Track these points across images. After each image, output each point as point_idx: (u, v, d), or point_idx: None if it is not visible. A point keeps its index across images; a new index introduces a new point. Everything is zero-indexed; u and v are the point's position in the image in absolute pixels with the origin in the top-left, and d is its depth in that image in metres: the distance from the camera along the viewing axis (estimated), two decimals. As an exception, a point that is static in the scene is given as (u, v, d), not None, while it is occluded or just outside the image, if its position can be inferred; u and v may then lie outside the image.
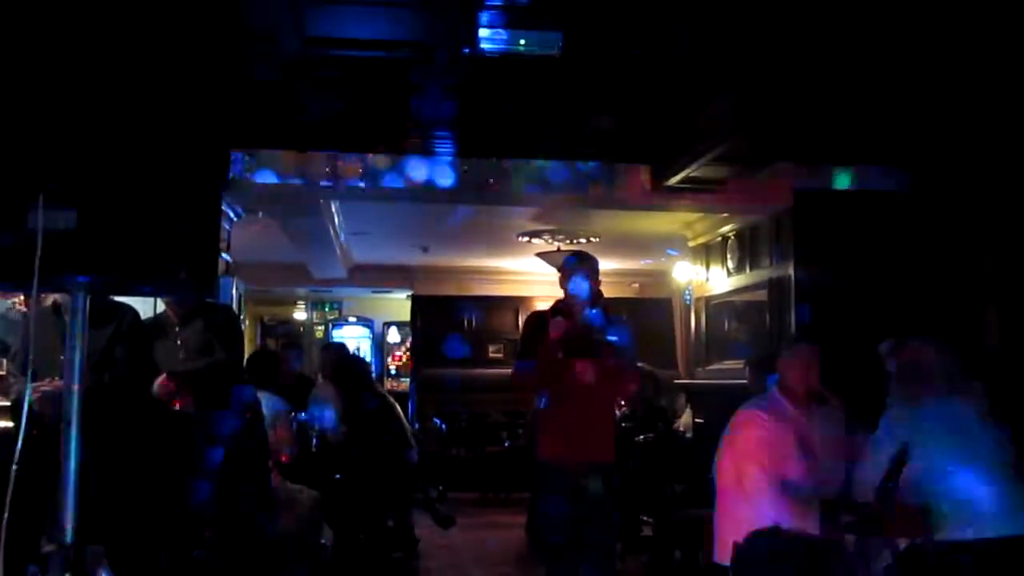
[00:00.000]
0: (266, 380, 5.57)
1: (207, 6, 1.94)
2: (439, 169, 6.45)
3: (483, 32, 4.27)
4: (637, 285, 12.49)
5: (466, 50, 4.42)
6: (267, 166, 6.28)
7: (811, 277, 6.65)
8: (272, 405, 5.40)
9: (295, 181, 6.41)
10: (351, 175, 6.40)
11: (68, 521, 1.80)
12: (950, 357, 3.53)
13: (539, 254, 10.01)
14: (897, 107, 5.23)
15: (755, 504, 3.65)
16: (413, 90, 5.16)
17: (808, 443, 3.76)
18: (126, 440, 3.87)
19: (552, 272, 7.18)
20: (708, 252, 8.41)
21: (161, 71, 1.85)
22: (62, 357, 1.84)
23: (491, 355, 12.29)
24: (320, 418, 6.30)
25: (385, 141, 6.25)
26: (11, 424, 3.82)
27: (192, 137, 1.85)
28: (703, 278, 8.52)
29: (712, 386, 7.78)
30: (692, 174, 6.13)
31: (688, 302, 9.51)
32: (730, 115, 5.36)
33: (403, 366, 14.16)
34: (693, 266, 8.84)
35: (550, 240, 9.63)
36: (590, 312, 4.21)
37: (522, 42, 4.36)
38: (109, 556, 1.82)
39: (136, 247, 1.78)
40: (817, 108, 5.22)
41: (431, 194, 6.67)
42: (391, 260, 12.09)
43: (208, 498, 4.35)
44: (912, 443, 3.29)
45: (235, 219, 7.12)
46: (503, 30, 4.28)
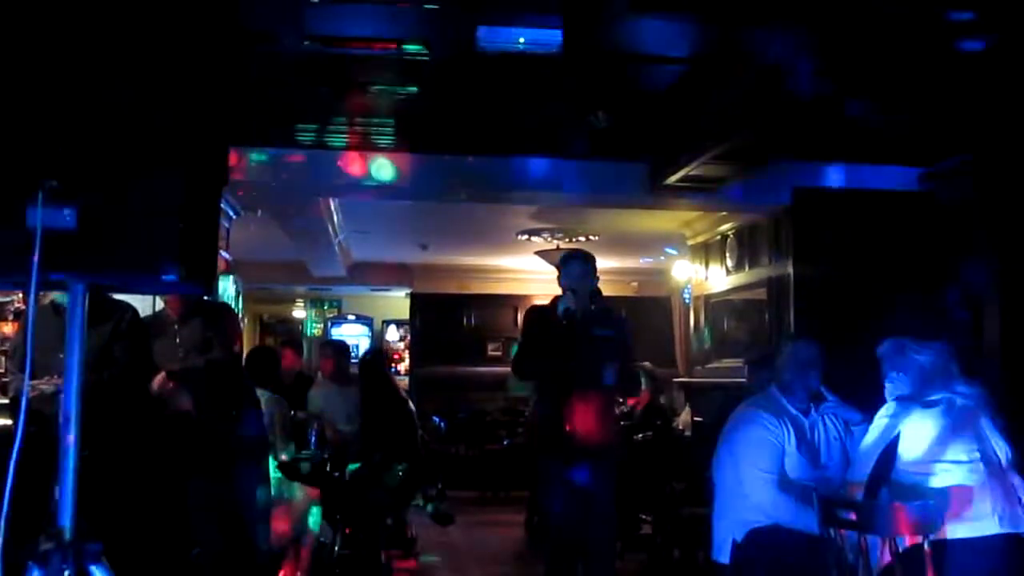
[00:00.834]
0: (265, 378, 5.56)
1: (207, 5, 1.94)
2: (438, 167, 6.44)
3: (482, 30, 4.28)
4: (636, 284, 12.49)
5: (465, 48, 4.42)
6: (267, 165, 6.27)
7: (810, 275, 6.66)
8: (271, 403, 5.40)
9: (295, 180, 6.41)
10: (350, 174, 6.40)
11: (67, 519, 1.79)
12: (950, 357, 3.53)
13: (538, 252, 10.01)
14: (897, 106, 5.23)
15: (754, 502, 3.65)
16: (412, 88, 5.16)
17: (807, 442, 3.77)
18: (125, 438, 3.87)
19: (551, 270, 7.19)
20: (707, 251, 8.42)
21: (161, 69, 1.84)
22: (61, 355, 1.83)
23: (490, 353, 12.29)
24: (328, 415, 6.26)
25: (384, 139, 6.25)
26: (10, 422, 3.82)
27: (192, 135, 1.85)
28: (702, 276, 8.53)
29: (711, 384, 7.79)
30: (691, 172, 6.13)
31: (687, 301, 9.52)
32: (730, 114, 5.35)
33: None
34: (692, 264, 8.84)
35: (549, 238, 9.63)
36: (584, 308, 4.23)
37: (521, 40, 4.36)
38: (107, 554, 1.81)
39: (135, 245, 1.78)
40: (816, 106, 5.21)
41: (430, 192, 6.66)
42: (390, 258, 12.10)
43: (206, 496, 4.35)
44: (910, 442, 3.30)
45: (234, 217, 7.12)
46: (502, 28, 4.28)
